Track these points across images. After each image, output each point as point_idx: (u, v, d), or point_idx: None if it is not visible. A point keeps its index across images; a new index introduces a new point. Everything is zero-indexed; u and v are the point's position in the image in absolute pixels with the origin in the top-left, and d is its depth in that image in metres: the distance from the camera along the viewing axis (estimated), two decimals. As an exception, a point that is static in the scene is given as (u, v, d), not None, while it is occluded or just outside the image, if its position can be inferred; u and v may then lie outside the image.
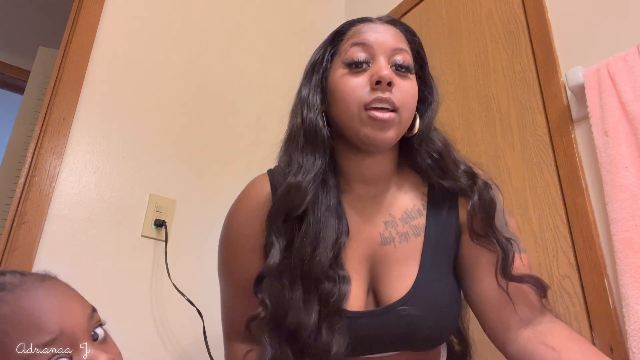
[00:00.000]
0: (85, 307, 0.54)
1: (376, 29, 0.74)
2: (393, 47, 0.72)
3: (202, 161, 1.44)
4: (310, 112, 0.73)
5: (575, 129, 1.09)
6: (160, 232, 1.28)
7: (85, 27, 1.33)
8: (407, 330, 0.69)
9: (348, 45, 0.74)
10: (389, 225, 0.75)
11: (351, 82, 0.71)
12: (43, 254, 1.10)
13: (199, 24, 1.59)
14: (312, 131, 0.72)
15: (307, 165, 0.71)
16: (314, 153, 0.72)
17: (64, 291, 0.54)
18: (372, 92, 0.69)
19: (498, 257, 0.72)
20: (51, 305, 0.50)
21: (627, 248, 0.87)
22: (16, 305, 0.49)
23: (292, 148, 0.74)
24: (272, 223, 0.71)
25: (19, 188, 1.15)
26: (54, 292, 0.52)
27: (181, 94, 1.47)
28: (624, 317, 0.85)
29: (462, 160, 0.78)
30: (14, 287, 0.51)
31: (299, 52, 1.85)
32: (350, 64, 0.72)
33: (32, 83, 2.13)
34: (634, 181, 0.90)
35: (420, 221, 0.76)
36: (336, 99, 0.72)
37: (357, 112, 0.69)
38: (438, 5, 1.58)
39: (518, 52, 1.28)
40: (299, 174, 0.70)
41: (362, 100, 0.69)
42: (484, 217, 0.73)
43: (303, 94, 0.76)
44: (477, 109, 1.34)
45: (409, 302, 0.69)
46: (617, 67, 0.98)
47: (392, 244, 0.74)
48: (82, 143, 1.24)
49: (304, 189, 0.69)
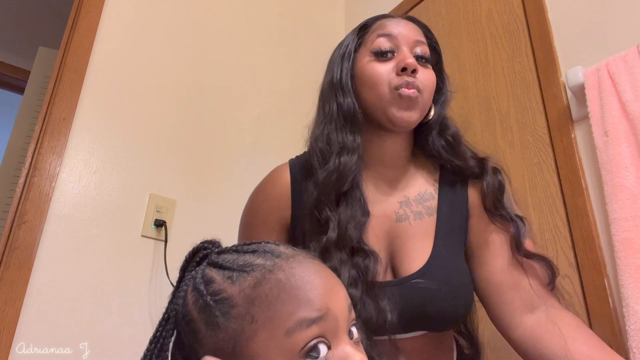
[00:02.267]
0: (347, 297, 0.49)
1: (399, 23, 0.82)
2: (415, 39, 0.80)
3: (202, 161, 1.44)
4: (346, 97, 0.79)
5: (575, 129, 1.09)
6: (160, 232, 1.28)
7: (85, 27, 1.33)
8: (422, 302, 0.70)
9: (374, 36, 0.81)
10: (404, 205, 0.80)
11: (380, 67, 0.78)
12: (43, 254, 1.10)
13: (199, 24, 1.59)
14: (350, 113, 0.78)
15: (349, 144, 0.77)
16: (353, 133, 0.78)
17: (332, 275, 0.50)
18: (399, 77, 0.76)
19: (511, 232, 0.76)
20: (321, 283, 0.47)
21: (627, 248, 0.87)
22: (291, 274, 0.47)
23: (330, 130, 0.79)
24: (326, 197, 0.74)
25: (19, 188, 1.15)
26: (324, 272, 0.49)
27: (181, 94, 1.47)
28: (624, 317, 0.85)
29: (470, 148, 0.85)
30: (288, 256, 0.49)
31: (299, 51, 1.85)
32: (377, 53, 0.79)
33: (32, 83, 2.13)
34: (634, 181, 0.90)
35: (432, 203, 0.81)
36: (365, 82, 0.79)
37: (387, 93, 0.76)
38: (438, 5, 1.58)
39: (518, 52, 1.28)
40: (343, 153, 0.76)
41: (392, 83, 0.76)
42: (495, 197, 0.78)
43: (335, 80, 0.82)
44: (477, 109, 1.34)
45: (424, 276, 0.72)
46: (617, 67, 0.98)
47: (407, 221, 0.78)
48: (82, 143, 1.24)
49: (350, 167, 0.75)
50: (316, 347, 0.43)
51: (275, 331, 0.44)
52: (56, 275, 1.11)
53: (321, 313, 0.45)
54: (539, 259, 0.75)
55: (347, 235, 0.71)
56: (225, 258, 0.51)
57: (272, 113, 1.64)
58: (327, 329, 0.45)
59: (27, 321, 1.04)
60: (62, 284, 1.11)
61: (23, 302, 1.04)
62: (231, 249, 0.53)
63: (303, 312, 0.44)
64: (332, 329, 0.45)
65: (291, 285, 0.46)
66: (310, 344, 0.43)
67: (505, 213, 0.78)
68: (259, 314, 0.45)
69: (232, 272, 0.48)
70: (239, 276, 0.48)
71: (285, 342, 0.43)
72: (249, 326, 0.45)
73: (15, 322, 1.02)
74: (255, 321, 0.45)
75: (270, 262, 0.48)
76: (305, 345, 0.43)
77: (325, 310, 0.45)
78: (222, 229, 1.39)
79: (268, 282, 0.46)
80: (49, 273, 1.10)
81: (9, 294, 1.03)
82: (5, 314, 1.02)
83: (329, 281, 0.48)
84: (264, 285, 0.46)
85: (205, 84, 1.53)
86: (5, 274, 1.04)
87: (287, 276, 0.47)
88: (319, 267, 0.50)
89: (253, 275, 0.47)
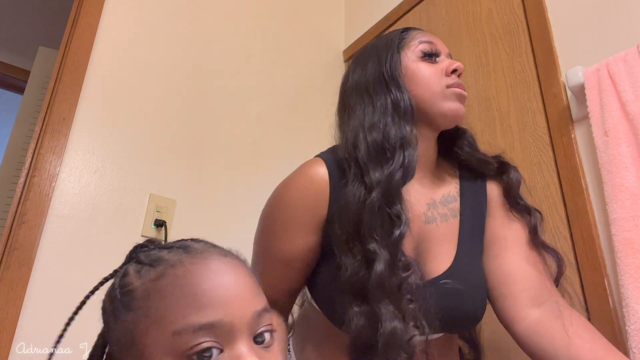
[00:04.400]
0: (256, 302, 0.48)
1: (431, 36, 0.87)
2: (448, 52, 0.87)
3: (202, 161, 1.44)
4: (402, 92, 0.80)
5: (575, 129, 1.09)
6: (160, 232, 1.28)
7: (85, 27, 1.33)
8: (450, 303, 0.72)
9: (417, 42, 0.85)
10: (431, 207, 0.82)
11: (431, 67, 0.82)
12: (43, 254, 1.10)
13: (199, 24, 1.59)
14: (408, 108, 0.79)
15: (410, 137, 0.76)
16: (411, 126, 0.78)
17: (240, 275, 0.49)
18: (449, 77, 0.82)
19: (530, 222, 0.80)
20: (220, 286, 0.46)
21: (627, 248, 0.87)
22: (190, 271, 0.46)
23: (386, 123, 0.77)
24: (395, 193, 0.72)
25: (19, 188, 1.14)
26: (229, 275, 0.48)
27: (181, 94, 1.47)
28: (624, 317, 0.85)
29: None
30: (196, 253, 0.48)
31: (298, 52, 1.85)
32: (426, 54, 0.83)
33: (32, 83, 2.13)
34: (634, 181, 0.90)
35: (455, 205, 0.84)
36: (417, 80, 0.82)
37: (441, 90, 0.81)
38: (438, 5, 1.58)
39: (518, 52, 1.28)
40: (407, 147, 0.75)
41: (445, 82, 0.81)
42: (515, 192, 0.83)
43: (386, 73, 0.82)
44: (477, 109, 1.34)
45: (452, 277, 0.74)
46: (617, 67, 0.98)
47: (434, 223, 0.80)
48: (82, 143, 1.24)
49: (414, 162, 0.75)
50: (207, 350, 0.43)
51: (165, 329, 0.44)
52: (56, 275, 1.11)
53: (211, 319, 0.44)
54: (552, 251, 0.79)
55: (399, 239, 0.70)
56: (147, 254, 0.50)
57: (272, 113, 1.64)
58: (219, 334, 0.44)
59: (27, 321, 1.04)
60: (62, 284, 1.11)
61: (23, 302, 1.04)
62: (158, 246, 0.52)
63: (192, 316, 0.43)
64: (225, 333, 0.44)
65: (187, 283, 0.45)
66: (198, 348, 0.42)
67: (524, 203, 0.82)
68: (152, 309, 0.45)
69: (143, 267, 0.48)
70: (146, 270, 0.48)
71: (173, 341, 0.43)
72: (143, 320, 0.45)
73: (15, 322, 1.02)
74: (148, 316, 0.45)
75: (176, 258, 0.48)
76: (191, 348, 0.42)
77: (216, 316, 0.44)
78: (222, 229, 1.39)
79: (167, 277, 0.46)
80: (49, 273, 1.10)
81: (9, 294, 1.03)
82: (5, 314, 1.02)
83: (230, 285, 0.47)
84: (162, 280, 0.46)
85: (205, 84, 1.53)
86: (5, 274, 1.04)
87: (185, 273, 0.46)
88: (226, 269, 0.48)
89: (157, 269, 0.47)
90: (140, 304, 0.46)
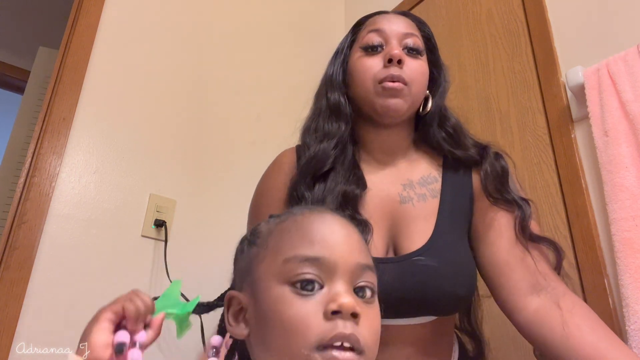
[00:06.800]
0: (362, 257, 0.53)
1: (390, 18, 0.85)
2: (404, 32, 0.83)
3: (202, 161, 1.44)
4: (334, 91, 0.85)
5: (575, 129, 1.09)
6: (160, 232, 1.28)
7: (85, 27, 1.33)
8: (423, 280, 0.70)
9: (365, 32, 0.85)
10: (407, 187, 0.82)
11: (367, 62, 0.81)
12: (43, 254, 1.10)
13: (199, 24, 1.59)
14: (335, 105, 0.83)
15: (332, 131, 0.81)
16: (338, 121, 0.82)
17: (351, 232, 0.55)
18: (385, 69, 0.79)
19: (515, 214, 0.77)
20: (329, 232, 0.52)
21: (627, 248, 0.87)
22: (307, 218, 0.54)
23: (319, 120, 0.85)
24: (303, 179, 0.79)
25: (19, 188, 1.14)
26: (340, 227, 0.54)
27: (181, 94, 1.47)
28: (624, 317, 0.85)
29: (474, 136, 0.87)
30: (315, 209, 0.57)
31: (299, 51, 1.85)
32: (367, 48, 0.82)
33: (32, 83, 2.13)
34: (634, 181, 0.90)
35: (436, 185, 0.82)
36: (354, 77, 0.83)
37: (372, 86, 0.79)
38: (438, 5, 1.58)
39: (518, 52, 1.28)
40: (324, 140, 0.81)
41: (377, 77, 0.79)
42: (498, 182, 0.80)
43: (327, 76, 0.88)
44: (477, 109, 1.34)
45: (425, 253, 0.72)
46: (617, 67, 0.98)
47: (410, 203, 0.80)
48: (82, 143, 1.24)
49: (328, 152, 0.79)
50: (309, 282, 0.49)
51: (277, 257, 0.51)
52: (56, 275, 1.11)
53: (317, 255, 0.50)
54: (545, 241, 0.76)
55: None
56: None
57: (272, 113, 1.64)
58: (322, 269, 0.49)
59: (27, 321, 1.04)
60: (62, 284, 1.11)
61: (23, 302, 1.04)
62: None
63: (302, 249, 0.50)
64: (328, 271, 0.49)
65: (303, 226, 0.53)
66: (301, 277, 0.49)
67: (509, 197, 0.78)
68: (271, 242, 0.54)
69: (272, 218, 0.58)
70: (274, 219, 0.57)
71: (282, 268, 0.50)
72: (262, 251, 0.54)
73: (15, 322, 1.02)
74: (266, 247, 0.53)
75: (299, 211, 0.57)
76: (296, 276, 0.49)
77: (323, 253, 0.50)
78: (222, 229, 1.39)
79: (288, 221, 0.55)
80: (49, 273, 1.10)
81: (9, 294, 1.03)
82: (5, 314, 1.02)
83: (339, 234, 0.53)
84: (284, 223, 0.55)
85: (205, 84, 1.53)
86: (5, 274, 1.04)
87: (304, 219, 0.54)
88: (340, 223, 0.55)
89: (281, 218, 0.57)
90: (262, 240, 0.55)
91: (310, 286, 0.48)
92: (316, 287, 0.48)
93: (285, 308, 0.48)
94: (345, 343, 0.46)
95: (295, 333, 0.46)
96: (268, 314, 0.49)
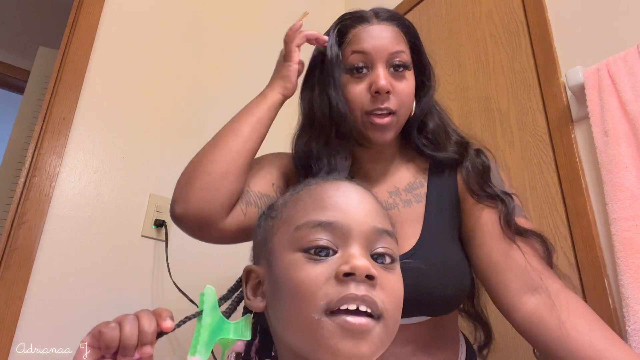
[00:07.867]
0: (379, 221, 0.52)
1: (373, 35, 0.79)
2: (390, 52, 0.78)
3: (202, 161, 1.44)
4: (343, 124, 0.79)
5: (575, 129, 1.09)
6: (160, 232, 1.28)
7: (85, 27, 1.33)
8: (412, 283, 0.69)
9: (349, 52, 0.80)
10: (393, 194, 0.82)
11: (354, 89, 0.79)
12: (43, 254, 1.10)
13: (198, 24, 1.59)
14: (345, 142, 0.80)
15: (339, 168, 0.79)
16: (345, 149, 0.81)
17: (366, 196, 0.54)
18: (373, 100, 0.77)
19: (499, 208, 0.76)
20: (342, 198, 0.52)
21: (627, 248, 0.87)
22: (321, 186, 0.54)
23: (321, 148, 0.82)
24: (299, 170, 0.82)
25: (19, 188, 1.15)
26: (357, 191, 0.53)
27: (181, 94, 1.47)
28: (624, 317, 0.85)
29: (456, 133, 0.86)
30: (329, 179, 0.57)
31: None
32: (352, 70, 0.79)
33: (32, 83, 2.13)
34: (634, 181, 0.90)
35: (422, 190, 0.83)
36: (346, 99, 0.80)
37: (360, 117, 0.78)
38: (438, 5, 1.58)
39: (518, 52, 1.28)
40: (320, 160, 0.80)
41: (364, 108, 0.78)
42: (480, 179, 0.80)
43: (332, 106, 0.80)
44: (477, 109, 1.34)
45: (413, 257, 0.72)
46: (617, 67, 0.98)
47: (395, 209, 0.80)
48: (82, 143, 1.24)
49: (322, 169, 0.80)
50: (323, 248, 0.47)
51: (290, 226, 0.50)
52: (56, 275, 1.11)
53: (329, 219, 0.49)
54: (532, 234, 0.74)
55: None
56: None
57: (272, 113, 1.64)
58: (335, 234, 0.48)
59: (27, 321, 1.04)
60: (62, 284, 1.11)
61: (23, 302, 1.04)
62: None
63: (313, 215, 0.50)
64: (341, 235, 0.48)
65: (316, 193, 0.53)
66: (314, 243, 0.47)
67: (491, 191, 0.78)
68: (285, 212, 0.53)
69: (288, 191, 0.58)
70: (290, 191, 0.58)
71: (295, 235, 0.49)
72: (277, 223, 0.53)
73: (15, 322, 1.02)
74: (281, 218, 0.53)
75: (314, 181, 0.56)
76: (309, 242, 0.48)
77: (335, 217, 0.49)
78: (222, 229, 1.39)
79: (303, 191, 0.55)
80: (49, 273, 1.10)
81: (9, 294, 1.03)
82: (5, 314, 1.02)
83: (353, 198, 0.52)
84: (298, 193, 0.55)
85: (205, 84, 1.53)
86: (5, 274, 1.04)
87: (317, 187, 0.54)
88: (354, 189, 0.54)
89: (298, 188, 0.56)
90: (277, 212, 0.55)
91: (324, 252, 0.47)
92: (330, 253, 0.47)
93: (295, 273, 0.46)
94: (361, 307, 0.44)
95: (303, 297, 0.45)
96: (280, 281, 0.48)
